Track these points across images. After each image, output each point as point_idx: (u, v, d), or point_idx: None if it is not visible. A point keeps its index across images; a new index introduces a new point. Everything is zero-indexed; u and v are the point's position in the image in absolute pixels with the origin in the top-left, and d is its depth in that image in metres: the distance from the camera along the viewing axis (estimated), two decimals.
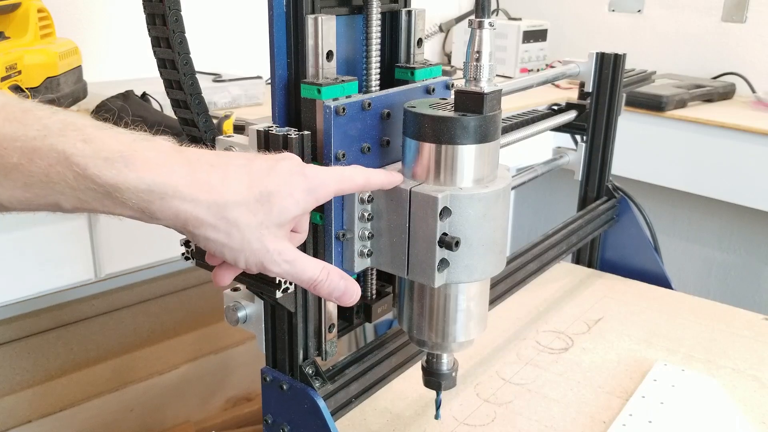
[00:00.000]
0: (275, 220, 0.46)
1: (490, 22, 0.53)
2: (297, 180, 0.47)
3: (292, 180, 0.47)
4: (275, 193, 0.46)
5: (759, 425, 0.72)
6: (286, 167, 0.47)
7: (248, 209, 0.45)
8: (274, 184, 0.46)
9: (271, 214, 0.46)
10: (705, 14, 1.93)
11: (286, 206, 0.46)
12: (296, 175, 0.47)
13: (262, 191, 0.45)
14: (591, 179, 1.06)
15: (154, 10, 0.57)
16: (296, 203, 0.47)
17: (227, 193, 0.44)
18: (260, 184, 0.45)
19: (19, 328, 1.33)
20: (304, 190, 0.47)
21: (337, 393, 0.63)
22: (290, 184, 0.46)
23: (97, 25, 1.53)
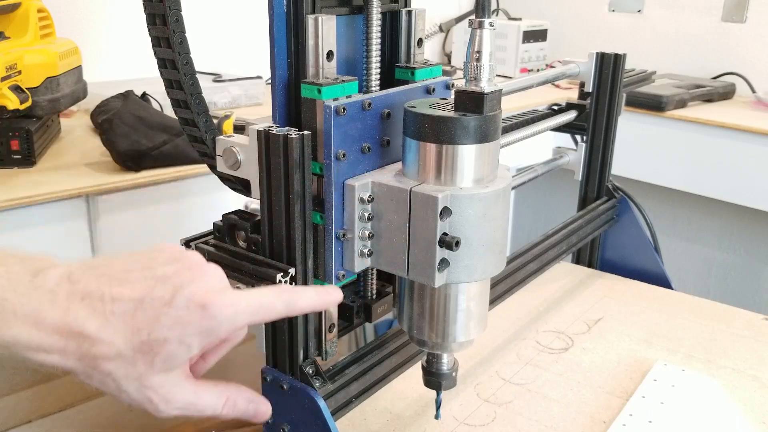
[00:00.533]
0: (160, 368, 0.42)
1: (490, 22, 0.53)
2: (193, 319, 0.41)
3: (185, 321, 0.41)
4: (160, 341, 0.40)
5: (759, 425, 0.72)
6: (182, 303, 0.41)
7: (125, 362, 0.40)
8: (161, 332, 0.40)
9: (153, 364, 0.41)
10: (705, 14, 1.93)
11: (173, 353, 0.41)
12: (193, 313, 0.41)
13: (144, 341, 0.40)
14: (591, 179, 1.06)
15: (154, 10, 0.57)
16: (187, 349, 0.42)
17: (100, 348, 0.40)
18: (143, 332, 0.40)
19: None
20: (200, 332, 0.41)
21: (337, 393, 0.63)
22: (182, 327, 0.41)
23: (97, 25, 1.54)
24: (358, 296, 0.72)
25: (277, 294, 0.46)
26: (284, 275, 0.55)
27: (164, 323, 0.40)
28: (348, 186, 0.57)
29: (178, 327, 0.40)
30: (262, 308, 0.44)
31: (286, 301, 0.46)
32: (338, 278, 0.59)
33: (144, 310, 0.40)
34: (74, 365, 0.40)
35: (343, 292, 0.71)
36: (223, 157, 0.59)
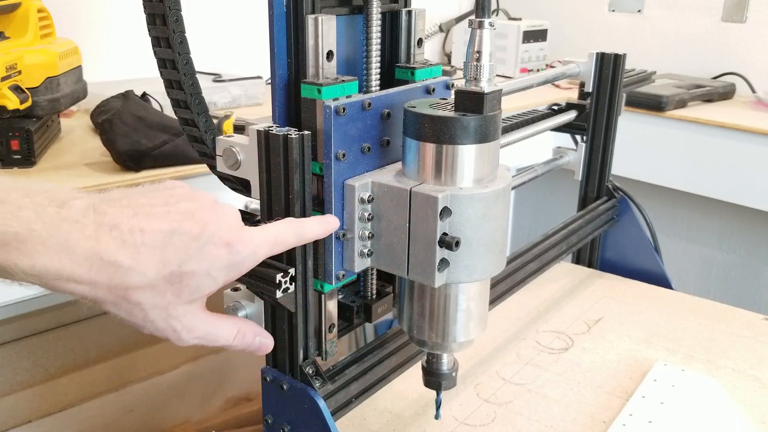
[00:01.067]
0: (186, 299, 0.44)
1: (490, 22, 0.53)
2: (219, 255, 0.44)
3: (213, 256, 0.44)
4: (189, 273, 0.43)
5: (759, 425, 0.72)
6: (209, 239, 0.43)
7: (154, 292, 0.42)
8: (190, 265, 0.43)
9: (181, 294, 0.43)
10: (705, 14, 1.93)
11: (201, 285, 0.44)
12: (220, 249, 0.44)
13: (174, 272, 0.42)
14: (591, 179, 1.06)
15: (154, 10, 0.57)
16: (213, 281, 0.44)
17: (132, 277, 0.41)
18: (173, 263, 0.42)
19: (19, 328, 1.32)
20: (226, 266, 0.44)
21: (337, 393, 0.63)
22: (210, 260, 0.43)
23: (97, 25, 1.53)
24: (358, 296, 0.72)
25: (288, 226, 0.50)
26: (284, 275, 0.55)
27: (193, 256, 0.42)
28: (348, 186, 0.57)
29: (205, 261, 0.43)
30: (277, 243, 0.48)
31: (295, 232, 0.50)
32: (338, 278, 0.59)
33: (173, 243, 0.42)
34: (104, 295, 0.41)
35: (343, 292, 0.71)
36: (223, 157, 0.59)
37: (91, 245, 0.40)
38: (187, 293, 0.43)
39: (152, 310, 0.43)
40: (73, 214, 0.40)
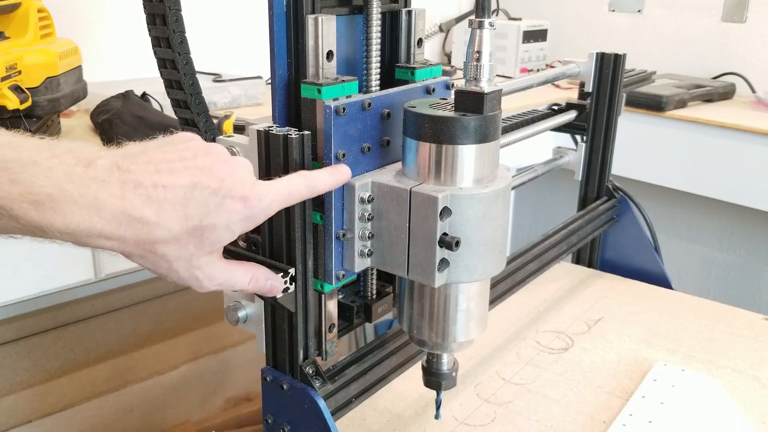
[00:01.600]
0: (207, 250, 0.46)
1: (490, 22, 0.53)
2: (237, 209, 0.46)
3: (231, 210, 0.46)
4: (210, 226, 0.45)
5: (759, 425, 0.72)
6: (227, 193, 0.46)
7: (178, 244, 0.45)
8: (210, 218, 0.45)
9: (203, 246, 0.46)
10: (705, 14, 1.93)
11: (220, 237, 0.46)
12: (237, 203, 0.46)
13: (196, 225, 0.45)
14: (591, 179, 1.06)
15: (154, 10, 0.57)
16: (231, 233, 0.47)
17: (158, 231, 0.44)
18: (195, 217, 0.45)
19: (19, 328, 1.32)
20: (243, 218, 0.47)
21: (337, 393, 0.63)
22: (228, 214, 0.46)
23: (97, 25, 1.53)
24: (358, 296, 0.72)
25: (299, 179, 0.51)
26: (284, 275, 0.55)
27: (213, 210, 0.45)
28: (348, 186, 0.57)
29: (225, 214, 0.45)
30: (290, 195, 0.50)
31: (308, 185, 0.51)
32: (338, 278, 0.59)
33: (194, 198, 0.44)
34: (132, 249, 0.44)
35: (343, 292, 0.71)
36: None
37: (119, 203, 0.42)
38: (209, 245, 0.46)
39: (176, 261, 0.46)
40: (99, 173, 0.42)
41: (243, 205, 0.46)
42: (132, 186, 0.43)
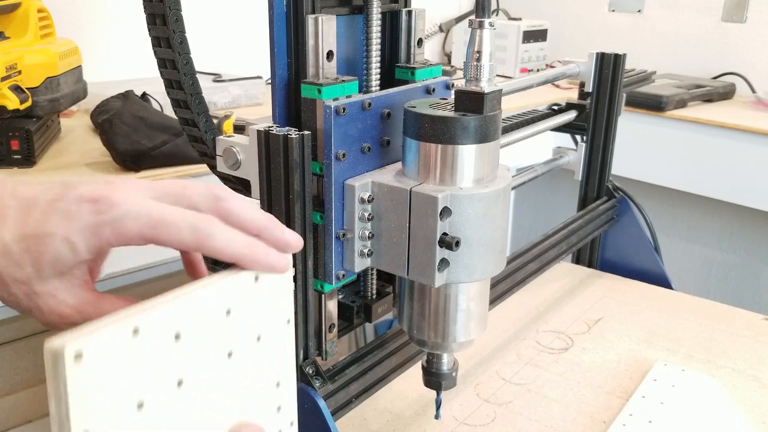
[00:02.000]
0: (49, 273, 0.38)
1: (490, 22, 0.53)
2: (81, 214, 0.37)
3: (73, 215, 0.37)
4: (45, 235, 0.37)
5: (759, 425, 0.72)
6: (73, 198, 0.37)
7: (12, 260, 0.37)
8: (47, 226, 0.37)
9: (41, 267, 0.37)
10: (705, 14, 1.93)
11: (59, 252, 0.37)
12: (83, 206, 0.37)
13: (29, 234, 0.37)
14: (591, 179, 1.06)
15: (154, 10, 0.57)
16: (71, 248, 0.37)
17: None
18: (30, 226, 0.37)
19: (19, 328, 1.32)
20: (85, 227, 0.37)
21: (337, 393, 0.63)
22: (69, 220, 0.37)
23: (97, 25, 1.53)
24: (358, 296, 0.72)
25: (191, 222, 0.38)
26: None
27: (51, 218, 0.37)
28: (348, 186, 0.57)
29: (64, 222, 0.37)
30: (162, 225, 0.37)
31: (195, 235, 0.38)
32: (338, 278, 0.60)
33: (37, 206, 0.37)
34: None
35: (343, 292, 0.71)
36: (223, 157, 0.59)
37: None
38: (47, 265, 0.37)
39: (13, 285, 0.38)
40: None
41: (88, 209, 0.37)
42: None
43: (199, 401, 0.36)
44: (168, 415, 0.34)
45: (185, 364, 0.35)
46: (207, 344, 0.36)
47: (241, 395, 0.39)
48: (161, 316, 0.34)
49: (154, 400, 0.33)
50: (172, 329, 0.34)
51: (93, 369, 0.30)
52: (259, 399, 0.41)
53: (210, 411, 0.37)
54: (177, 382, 0.35)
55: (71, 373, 0.29)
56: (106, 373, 0.31)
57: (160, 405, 0.34)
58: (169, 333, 0.34)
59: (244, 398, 0.40)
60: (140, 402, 0.33)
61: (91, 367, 0.30)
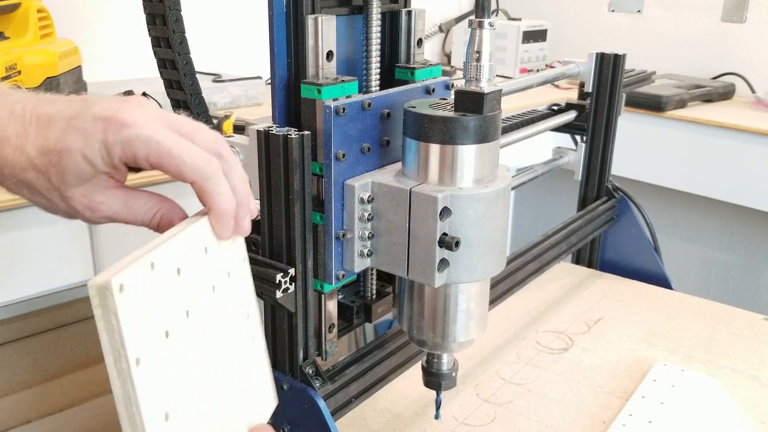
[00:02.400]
0: (73, 182, 0.42)
1: (490, 22, 0.53)
2: (95, 131, 0.40)
3: (89, 132, 0.40)
4: (64, 150, 0.40)
5: (759, 425, 0.72)
6: (88, 116, 0.40)
7: (38, 172, 0.41)
8: (65, 142, 0.40)
9: (64, 177, 0.41)
10: (705, 14, 1.93)
11: (78, 166, 0.41)
12: (97, 124, 0.40)
13: (49, 149, 0.40)
14: (591, 179, 1.06)
15: (154, 10, 0.57)
16: (89, 162, 0.41)
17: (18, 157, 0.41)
18: (50, 141, 0.40)
19: (19, 328, 1.33)
20: (99, 145, 0.40)
21: (337, 393, 0.63)
22: (85, 137, 0.40)
23: (97, 25, 1.53)
24: (358, 296, 0.72)
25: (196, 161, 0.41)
26: (284, 275, 0.55)
27: (69, 134, 0.40)
28: (348, 186, 0.57)
29: (80, 139, 0.40)
30: (170, 156, 0.41)
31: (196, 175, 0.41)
32: (338, 278, 0.60)
33: (56, 123, 0.41)
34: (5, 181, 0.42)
35: (343, 292, 0.71)
36: None
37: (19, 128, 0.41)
38: (70, 176, 0.41)
39: (47, 192, 0.42)
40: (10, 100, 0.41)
41: (102, 127, 0.40)
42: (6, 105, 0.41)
43: (202, 331, 0.40)
44: (185, 343, 0.38)
45: (188, 296, 0.39)
46: (198, 278, 0.41)
47: (227, 328, 0.44)
48: (169, 251, 0.38)
49: (174, 329, 0.38)
50: (174, 264, 0.38)
51: (133, 299, 0.34)
52: (237, 331, 0.45)
53: (210, 341, 0.41)
54: (185, 312, 0.39)
55: (120, 303, 0.33)
56: (141, 305, 0.35)
57: (179, 334, 0.38)
58: (173, 267, 0.38)
59: (229, 330, 0.44)
60: (167, 331, 0.37)
61: (131, 297, 0.34)
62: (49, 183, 0.41)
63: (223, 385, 0.43)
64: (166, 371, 0.37)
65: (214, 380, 0.41)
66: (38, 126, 0.41)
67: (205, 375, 0.41)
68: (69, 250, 1.00)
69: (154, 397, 0.35)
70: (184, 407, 0.38)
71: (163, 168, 0.41)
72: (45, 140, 0.40)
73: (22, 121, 0.41)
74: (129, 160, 0.41)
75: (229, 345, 0.44)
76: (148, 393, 0.35)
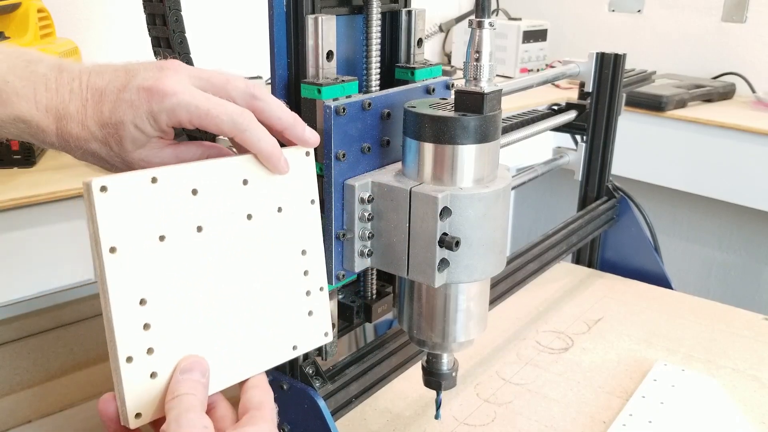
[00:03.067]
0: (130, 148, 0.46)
1: (490, 22, 0.53)
2: (140, 102, 0.44)
3: (135, 104, 0.44)
4: (118, 123, 0.45)
5: (759, 425, 0.72)
6: (133, 88, 0.44)
7: (99, 142, 0.45)
8: (117, 114, 0.44)
9: (122, 145, 0.45)
10: (705, 14, 1.93)
11: (132, 134, 0.45)
12: (141, 96, 0.44)
13: (106, 122, 0.45)
14: (591, 179, 1.06)
15: (154, 10, 0.57)
16: (141, 131, 0.45)
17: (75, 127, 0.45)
18: (105, 114, 0.45)
19: (19, 328, 1.32)
20: (147, 114, 0.45)
21: (337, 393, 0.63)
22: (134, 109, 0.44)
23: (97, 25, 1.53)
24: (358, 296, 0.72)
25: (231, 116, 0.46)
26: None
27: (120, 107, 0.44)
28: (348, 186, 0.57)
29: (130, 110, 0.44)
30: (209, 116, 0.45)
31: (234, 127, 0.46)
32: (338, 278, 0.59)
33: (107, 96, 0.45)
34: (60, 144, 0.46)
35: (343, 292, 0.71)
36: None
37: (51, 97, 0.45)
38: (127, 143, 0.45)
39: (111, 159, 0.46)
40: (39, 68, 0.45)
41: (146, 97, 0.44)
42: (67, 84, 0.45)
43: (219, 248, 0.45)
44: (190, 251, 0.44)
45: (203, 215, 0.44)
46: (225, 204, 0.45)
47: (265, 255, 0.48)
48: (178, 172, 0.43)
49: (175, 236, 0.43)
50: (189, 185, 0.44)
51: (115, 200, 0.40)
52: (283, 261, 0.50)
53: (232, 260, 0.46)
54: (196, 227, 0.44)
55: (98, 200, 0.40)
56: (128, 206, 0.41)
57: (181, 241, 0.43)
58: (186, 187, 0.43)
59: (268, 258, 0.48)
60: (162, 235, 0.42)
61: (113, 198, 0.40)
62: (111, 151, 0.46)
63: (241, 300, 0.46)
64: (153, 267, 0.42)
65: (228, 293, 0.46)
66: (93, 101, 0.45)
67: (214, 285, 0.45)
68: (69, 250, 1.00)
69: (127, 282, 0.41)
70: (174, 302, 0.43)
71: (204, 127, 0.46)
72: (101, 114, 0.45)
73: (80, 97, 0.45)
74: (175, 124, 0.45)
75: (264, 270, 0.48)
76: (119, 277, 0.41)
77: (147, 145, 0.46)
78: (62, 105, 0.45)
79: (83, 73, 0.45)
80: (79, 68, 0.46)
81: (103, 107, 0.45)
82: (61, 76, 0.45)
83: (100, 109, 0.45)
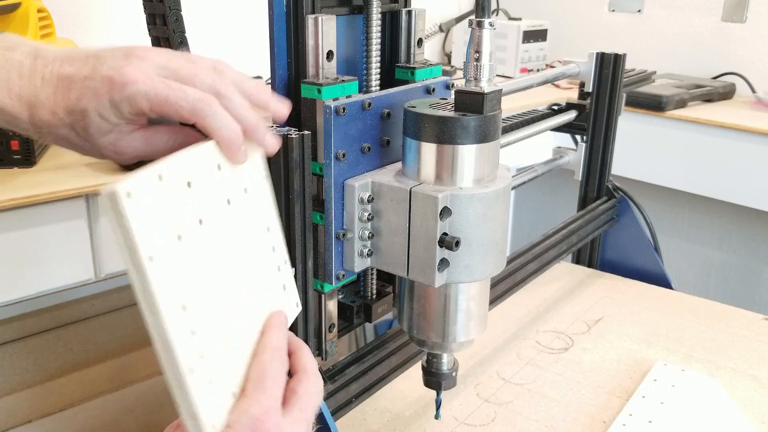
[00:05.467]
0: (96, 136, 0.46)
1: (490, 22, 0.53)
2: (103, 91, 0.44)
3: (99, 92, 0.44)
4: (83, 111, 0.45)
5: (759, 425, 0.72)
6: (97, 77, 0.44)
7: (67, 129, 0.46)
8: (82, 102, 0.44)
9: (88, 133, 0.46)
10: (705, 14, 1.93)
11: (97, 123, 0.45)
12: (104, 84, 0.44)
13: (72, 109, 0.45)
14: (591, 179, 1.06)
15: (154, 10, 0.57)
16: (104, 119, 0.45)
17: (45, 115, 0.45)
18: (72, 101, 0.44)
19: (19, 328, 1.32)
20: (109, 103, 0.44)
21: (337, 393, 0.63)
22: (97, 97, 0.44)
23: (97, 25, 1.53)
24: (358, 296, 0.72)
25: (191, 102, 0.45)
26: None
27: (84, 95, 0.44)
28: (348, 186, 0.57)
29: (94, 98, 0.44)
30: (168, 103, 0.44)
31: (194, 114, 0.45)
32: (338, 278, 0.59)
33: (75, 84, 0.45)
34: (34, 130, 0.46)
35: (343, 292, 0.71)
36: None
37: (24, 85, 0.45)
38: (93, 131, 0.46)
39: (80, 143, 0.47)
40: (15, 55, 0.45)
41: (108, 86, 0.44)
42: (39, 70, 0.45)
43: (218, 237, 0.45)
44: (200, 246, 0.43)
45: (201, 207, 0.43)
46: (211, 191, 0.45)
47: (246, 237, 0.48)
48: (174, 165, 0.42)
49: (188, 233, 0.42)
50: (184, 177, 0.42)
51: (140, 204, 0.38)
52: (257, 241, 0.49)
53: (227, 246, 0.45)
54: (198, 220, 0.43)
55: (128, 207, 0.37)
56: (151, 209, 0.39)
57: (193, 237, 0.42)
58: (182, 180, 0.42)
59: (248, 239, 0.48)
60: (179, 234, 0.41)
61: (139, 202, 0.38)
62: (79, 136, 0.46)
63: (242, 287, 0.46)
64: (181, 269, 0.40)
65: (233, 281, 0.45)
66: (62, 88, 0.45)
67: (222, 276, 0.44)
68: (69, 250, 1.00)
69: (169, 290, 0.39)
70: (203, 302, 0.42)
71: (165, 114, 0.45)
72: (68, 101, 0.45)
73: (51, 85, 0.45)
74: (137, 112, 0.45)
75: (249, 253, 0.48)
76: (163, 286, 0.38)
77: (114, 130, 0.46)
78: (33, 93, 0.45)
79: (56, 60, 0.45)
80: (53, 54, 0.46)
81: (70, 94, 0.45)
82: (35, 63, 0.45)
83: (68, 96, 0.45)
